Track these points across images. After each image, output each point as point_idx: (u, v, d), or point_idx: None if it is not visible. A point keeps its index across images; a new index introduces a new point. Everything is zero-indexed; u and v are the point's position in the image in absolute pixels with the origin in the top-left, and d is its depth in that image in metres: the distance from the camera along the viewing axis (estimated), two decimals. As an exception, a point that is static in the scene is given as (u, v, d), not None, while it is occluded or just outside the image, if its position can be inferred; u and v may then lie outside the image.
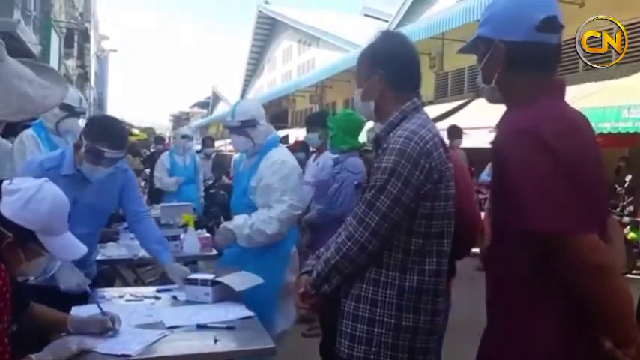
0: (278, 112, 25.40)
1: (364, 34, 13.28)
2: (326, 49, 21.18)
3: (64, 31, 18.72)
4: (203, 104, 47.92)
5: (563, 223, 1.21)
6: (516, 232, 1.28)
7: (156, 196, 9.30)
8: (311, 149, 7.28)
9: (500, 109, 1.51)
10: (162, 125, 59.49)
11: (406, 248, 1.62)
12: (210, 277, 2.44)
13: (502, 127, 1.43)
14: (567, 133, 1.27)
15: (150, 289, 2.72)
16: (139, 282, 4.38)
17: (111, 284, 3.59)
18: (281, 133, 20.78)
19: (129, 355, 1.77)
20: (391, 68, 1.72)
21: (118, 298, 2.49)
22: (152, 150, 13.00)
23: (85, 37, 24.33)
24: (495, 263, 1.46)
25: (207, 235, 3.93)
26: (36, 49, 13.53)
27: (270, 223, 2.68)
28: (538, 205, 1.22)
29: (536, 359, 1.33)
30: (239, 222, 2.75)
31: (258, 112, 2.92)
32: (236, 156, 10.93)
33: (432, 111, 1.93)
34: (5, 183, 1.67)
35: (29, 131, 3.18)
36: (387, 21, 16.98)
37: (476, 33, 1.49)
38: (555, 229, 1.21)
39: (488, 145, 1.57)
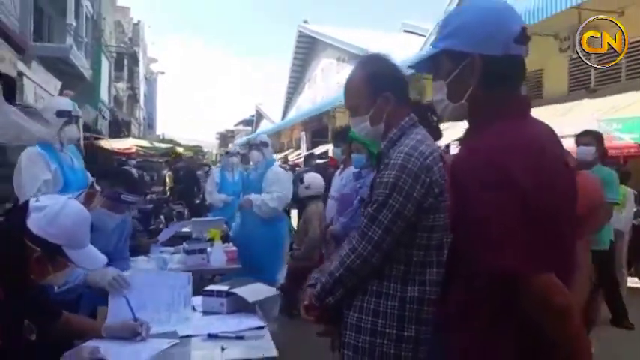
0: (319, 128, 25.54)
1: (405, 49, 13.31)
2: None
3: (114, 55, 19.67)
4: (247, 122, 48.85)
5: (519, 263, 1.14)
6: (474, 267, 1.22)
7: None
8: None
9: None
10: (210, 143, 61.04)
11: (408, 260, 1.64)
12: (225, 288, 2.52)
13: (464, 152, 1.33)
14: (532, 166, 1.17)
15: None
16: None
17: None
18: (322, 149, 20.79)
19: None
20: (393, 88, 1.77)
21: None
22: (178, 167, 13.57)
23: (134, 60, 25.45)
24: (453, 294, 1.37)
25: (234, 248, 4.03)
26: (87, 73, 14.27)
27: None
28: (494, 243, 1.15)
29: None
30: None
31: None
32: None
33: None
34: (32, 200, 1.81)
35: (35, 149, 3.09)
36: (424, 36, 16.89)
37: (439, 46, 1.38)
38: (510, 270, 1.14)
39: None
